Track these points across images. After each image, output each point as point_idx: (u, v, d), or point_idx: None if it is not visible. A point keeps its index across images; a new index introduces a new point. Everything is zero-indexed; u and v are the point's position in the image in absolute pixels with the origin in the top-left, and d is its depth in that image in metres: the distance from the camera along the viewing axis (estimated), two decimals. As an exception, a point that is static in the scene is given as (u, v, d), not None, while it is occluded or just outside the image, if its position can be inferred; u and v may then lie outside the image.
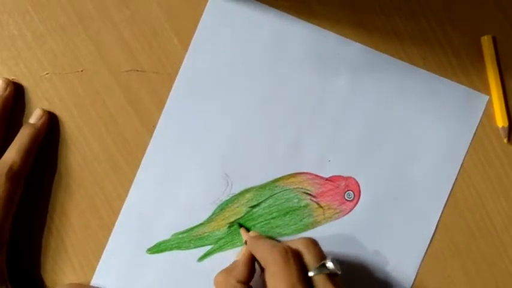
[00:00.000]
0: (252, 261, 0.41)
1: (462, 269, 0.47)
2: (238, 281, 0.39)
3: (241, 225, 0.45)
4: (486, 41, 0.46)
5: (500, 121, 0.46)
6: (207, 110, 0.45)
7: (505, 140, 0.46)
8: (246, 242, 0.43)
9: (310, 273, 0.38)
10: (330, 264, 0.38)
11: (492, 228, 0.46)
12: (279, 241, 0.44)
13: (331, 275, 0.38)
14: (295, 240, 0.41)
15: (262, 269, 0.40)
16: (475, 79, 0.46)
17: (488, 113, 0.47)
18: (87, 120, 0.45)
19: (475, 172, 0.46)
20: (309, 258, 0.39)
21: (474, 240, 0.46)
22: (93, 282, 0.45)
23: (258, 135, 0.46)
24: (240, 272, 0.40)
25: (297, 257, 0.39)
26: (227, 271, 0.41)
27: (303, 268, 0.38)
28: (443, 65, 0.46)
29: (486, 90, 0.46)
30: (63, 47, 0.45)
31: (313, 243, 0.40)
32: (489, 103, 0.46)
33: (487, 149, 0.46)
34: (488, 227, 0.46)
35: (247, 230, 0.45)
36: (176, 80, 0.45)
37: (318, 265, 0.38)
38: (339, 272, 0.39)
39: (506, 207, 0.46)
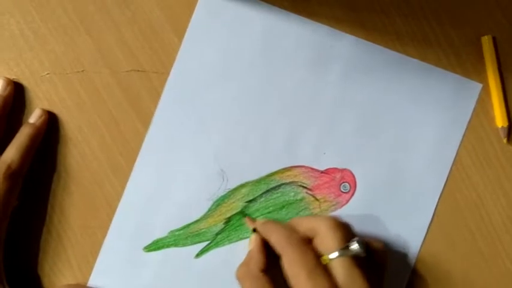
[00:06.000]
0: (265, 248, 0.41)
1: (462, 269, 0.46)
2: (260, 270, 0.40)
3: (245, 215, 0.45)
4: (486, 41, 0.46)
5: (500, 121, 0.46)
6: (201, 106, 0.45)
7: (505, 140, 0.46)
8: (253, 230, 0.43)
9: (331, 256, 0.37)
10: (354, 246, 0.38)
11: (492, 228, 0.46)
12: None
13: (356, 258, 0.38)
14: (317, 218, 0.40)
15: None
16: (475, 79, 0.46)
17: (488, 113, 0.46)
18: (87, 120, 0.45)
19: (475, 172, 0.46)
20: (331, 241, 0.38)
21: (474, 240, 0.46)
22: (90, 282, 0.45)
23: (252, 129, 0.46)
24: (258, 260, 0.40)
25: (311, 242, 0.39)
26: (245, 264, 0.41)
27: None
28: (443, 65, 0.46)
29: (486, 89, 0.46)
30: (64, 47, 0.45)
31: (340, 225, 0.39)
32: (489, 103, 0.46)
33: (486, 149, 0.46)
34: (488, 227, 0.46)
35: (253, 219, 0.45)
36: (169, 77, 0.45)
37: (341, 247, 0.38)
38: (363, 255, 0.38)
39: (506, 207, 0.46)
